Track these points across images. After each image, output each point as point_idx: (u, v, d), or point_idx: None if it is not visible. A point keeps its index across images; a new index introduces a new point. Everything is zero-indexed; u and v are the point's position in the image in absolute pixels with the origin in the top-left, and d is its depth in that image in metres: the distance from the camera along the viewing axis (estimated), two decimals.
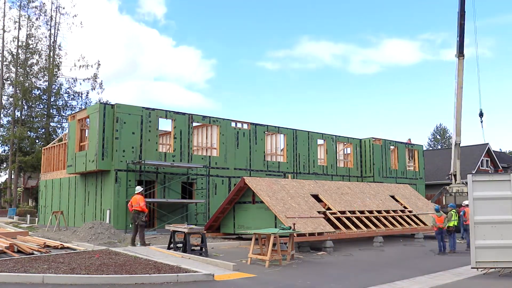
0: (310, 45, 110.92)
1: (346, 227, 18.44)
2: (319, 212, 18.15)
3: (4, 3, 43.46)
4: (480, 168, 44.04)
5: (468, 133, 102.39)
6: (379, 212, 20.64)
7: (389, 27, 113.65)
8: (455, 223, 16.77)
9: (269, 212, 17.32)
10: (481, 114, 26.95)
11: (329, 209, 19.00)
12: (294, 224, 15.15)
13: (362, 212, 19.99)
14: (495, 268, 11.29)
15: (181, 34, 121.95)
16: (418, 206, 23.14)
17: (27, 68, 42.83)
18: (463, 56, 26.12)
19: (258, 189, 17.85)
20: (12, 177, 42.33)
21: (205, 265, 12.37)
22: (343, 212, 19.11)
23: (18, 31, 43.27)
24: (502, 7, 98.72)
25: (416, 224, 21.19)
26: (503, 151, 67.43)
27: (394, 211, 21.34)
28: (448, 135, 75.53)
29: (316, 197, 19.56)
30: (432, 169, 43.26)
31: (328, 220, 18.14)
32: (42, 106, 44.12)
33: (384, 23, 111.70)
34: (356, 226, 18.97)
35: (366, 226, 19.16)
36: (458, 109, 26.92)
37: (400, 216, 21.25)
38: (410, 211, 22.15)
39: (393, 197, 23.11)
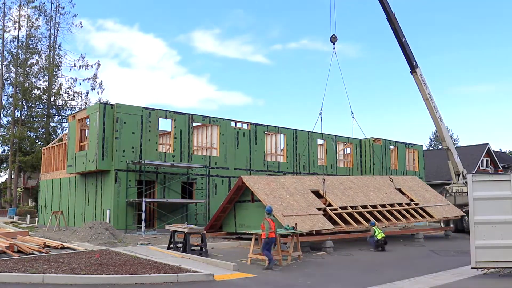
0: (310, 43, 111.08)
1: (347, 223, 18.21)
2: (319, 209, 17.97)
3: (4, 3, 43.41)
4: (480, 168, 44.08)
5: (468, 133, 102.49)
6: (383, 206, 20.30)
7: None
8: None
9: None
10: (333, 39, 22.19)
11: (329, 205, 18.75)
12: (296, 224, 15.02)
13: (365, 207, 19.60)
14: (495, 268, 11.28)
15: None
16: (425, 198, 22.83)
17: (27, 68, 42.83)
18: (415, 72, 25.60)
19: (256, 188, 17.80)
20: (12, 177, 42.34)
21: (205, 265, 12.37)
22: (344, 208, 18.85)
23: (18, 31, 43.39)
24: None
25: (422, 216, 20.87)
26: (503, 151, 67.45)
27: (399, 204, 21.00)
28: (449, 134, 75.48)
29: (317, 193, 19.34)
30: (432, 169, 43.25)
31: (328, 217, 17.95)
32: (42, 106, 44.15)
33: None
34: (357, 222, 18.62)
35: (368, 221, 18.81)
36: (434, 118, 27.04)
37: (405, 210, 20.83)
38: (416, 204, 21.77)
39: (399, 189, 22.83)
